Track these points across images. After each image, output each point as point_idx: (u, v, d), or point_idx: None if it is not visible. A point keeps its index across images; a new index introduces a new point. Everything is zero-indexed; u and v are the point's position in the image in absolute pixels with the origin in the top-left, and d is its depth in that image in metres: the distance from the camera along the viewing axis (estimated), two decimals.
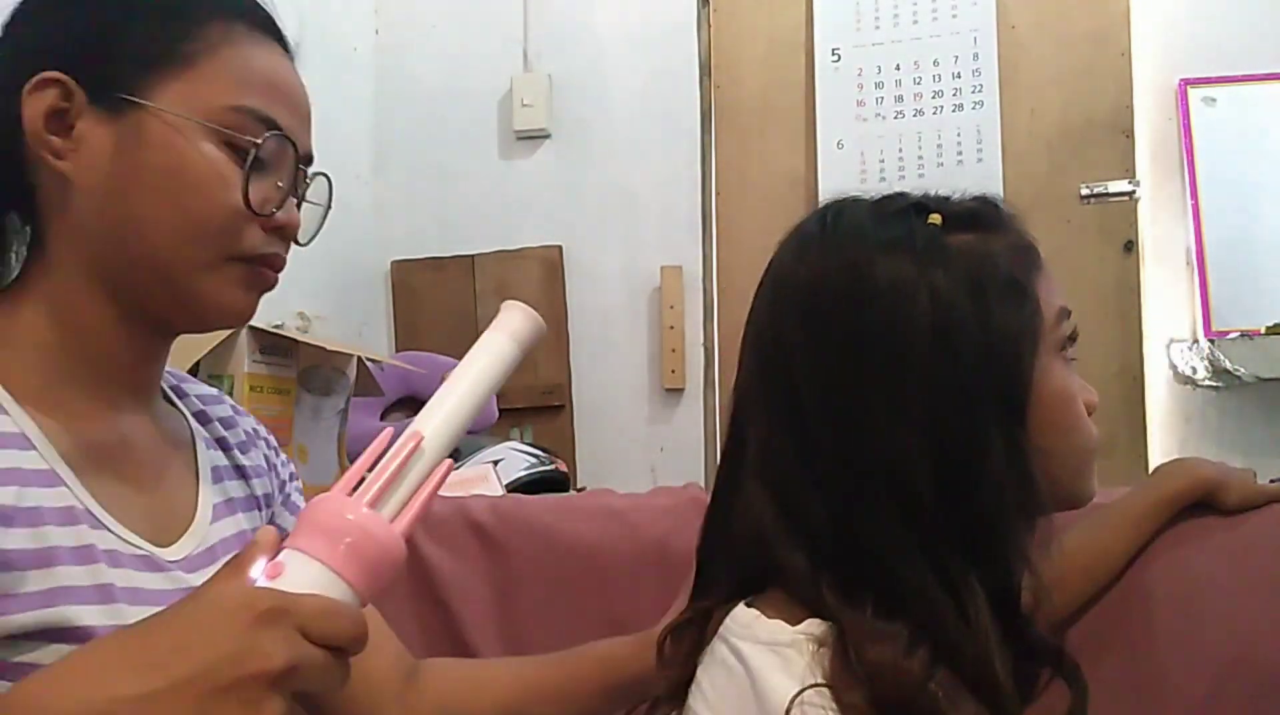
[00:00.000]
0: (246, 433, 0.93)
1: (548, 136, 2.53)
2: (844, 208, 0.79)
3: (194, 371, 1.33)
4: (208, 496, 0.84)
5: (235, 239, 0.77)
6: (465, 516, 1.22)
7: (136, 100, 0.74)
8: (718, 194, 2.40)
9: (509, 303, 0.72)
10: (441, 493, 0.66)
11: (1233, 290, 2.17)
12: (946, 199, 0.78)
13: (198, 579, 0.76)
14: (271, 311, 1.74)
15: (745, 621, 0.73)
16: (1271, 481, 1.11)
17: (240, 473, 0.90)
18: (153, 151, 0.74)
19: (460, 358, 0.72)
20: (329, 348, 1.48)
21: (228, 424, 0.92)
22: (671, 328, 2.41)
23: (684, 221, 2.40)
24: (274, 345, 1.38)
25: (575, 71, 2.52)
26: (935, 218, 0.75)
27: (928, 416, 0.70)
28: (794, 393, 0.74)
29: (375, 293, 2.56)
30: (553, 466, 1.74)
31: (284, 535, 0.61)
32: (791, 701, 0.65)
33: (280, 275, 0.83)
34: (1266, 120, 2.20)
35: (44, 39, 0.76)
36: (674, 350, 2.40)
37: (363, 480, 0.62)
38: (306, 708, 0.77)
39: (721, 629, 0.75)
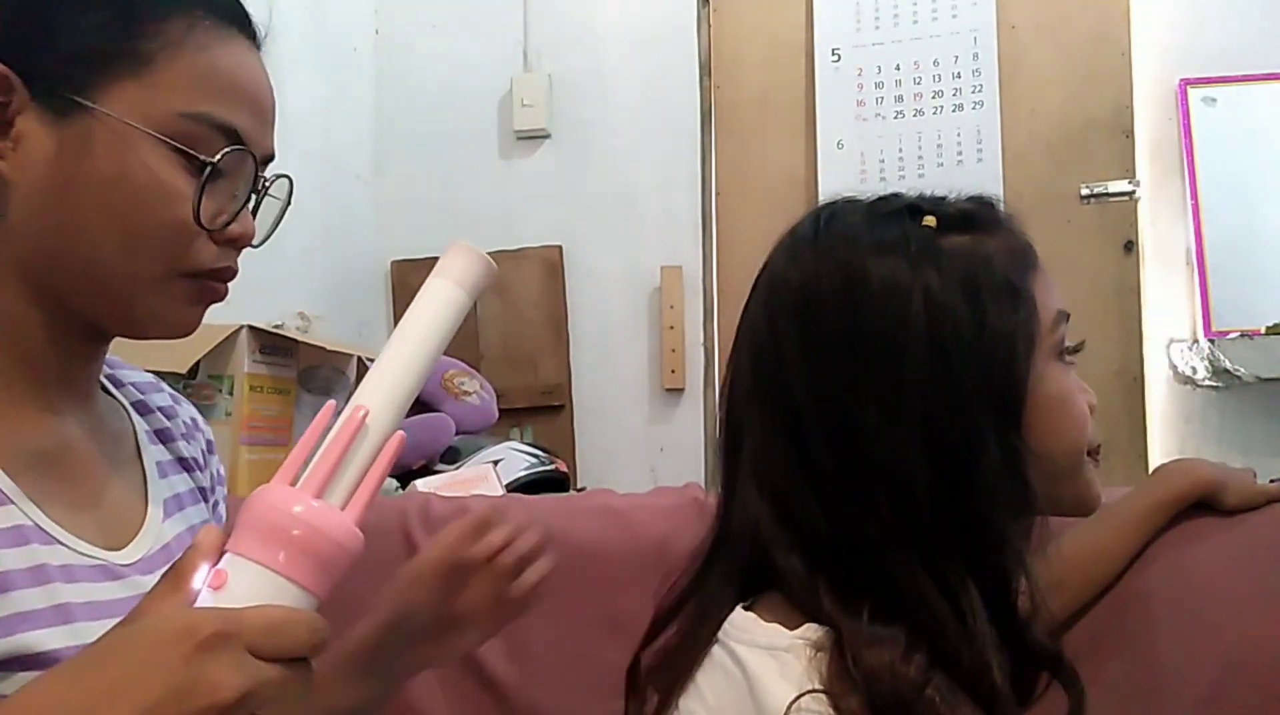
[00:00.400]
0: (186, 423, 0.88)
1: (548, 136, 2.53)
2: (838, 209, 0.78)
3: (194, 371, 1.33)
4: (157, 493, 0.80)
5: (183, 254, 0.72)
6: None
7: (84, 103, 0.68)
8: (718, 194, 2.40)
9: (454, 242, 0.64)
10: (442, 493, 0.65)
11: (1233, 290, 2.17)
12: (942, 200, 0.78)
13: (154, 581, 0.68)
14: (271, 311, 1.74)
15: (743, 625, 0.73)
16: (1271, 481, 1.11)
17: (183, 465, 0.85)
18: (98, 160, 0.69)
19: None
20: (329, 348, 1.48)
21: (168, 413, 0.87)
22: (671, 328, 2.41)
23: (684, 221, 2.40)
24: (274, 345, 1.38)
25: (575, 71, 2.52)
26: (930, 219, 0.74)
27: (922, 419, 0.70)
28: (789, 396, 0.74)
29: (375, 293, 2.56)
30: (553, 466, 1.74)
31: (227, 535, 0.55)
32: (789, 707, 0.65)
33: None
34: (1266, 120, 2.20)
35: None
36: (674, 350, 2.40)
37: (306, 466, 0.56)
38: None
39: (720, 632, 0.75)
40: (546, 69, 2.53)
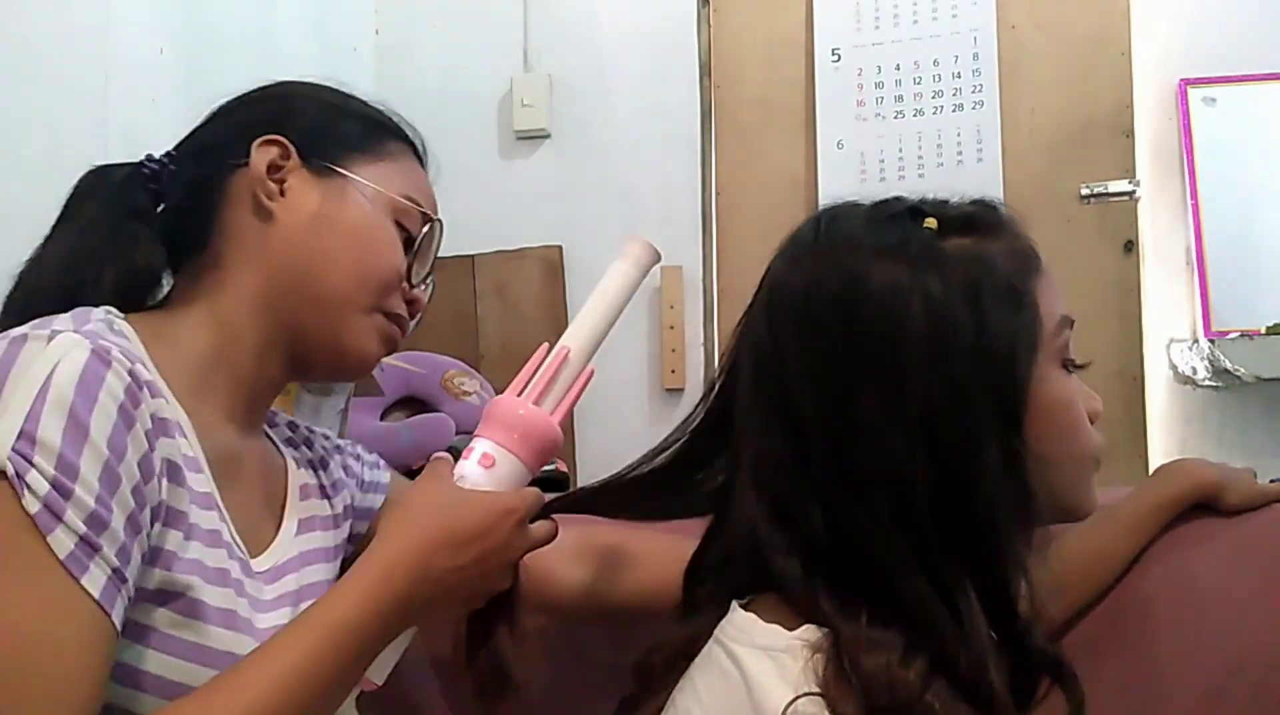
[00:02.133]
0: (324, 448, 1.05)
1: (548, 136, 2.53)
2: (839, 213, 0.78)
3: None
4: (293, 513, 0.95)
5: (387, 296, 0.93)
6: None
7: (341, 171, 0.93)
8: (718, 194, 2.40)
9: (630, 236, 0.93)
10: None
11: (1233, 290, 2.17)
12: (944, 203, 0.77)
13: (272, 592, 0.88)
14: None
15: (741, 625, 0.73)
16: (1272, 481, 1.11)
17: (323, 492, 1.01)
18: (350, 209, 0.92)
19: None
20: None
21: (309, 443, 1.04)
22: (671, 328, 2.41)
23: (684, 221, 2.40)
24: None
25: (575, 71, 2.51)
26: (931, 222, 0.74)
27: (923, 423, 0.70)
28: (790, 401, 0.74)
29: None
30: (553, 466, 1.74)
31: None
32: (785, 710, 0.65)
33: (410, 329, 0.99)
34: (1266, 120, 2.20)
35: (260, 120, 0.93)
36: (674, 350, 2.40)
37: (527, 384, 0.85)
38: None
39: (718, 631, 0.75)
40: (546, 69, 2.53)
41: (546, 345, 0.89)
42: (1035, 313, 0.73)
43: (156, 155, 0.96)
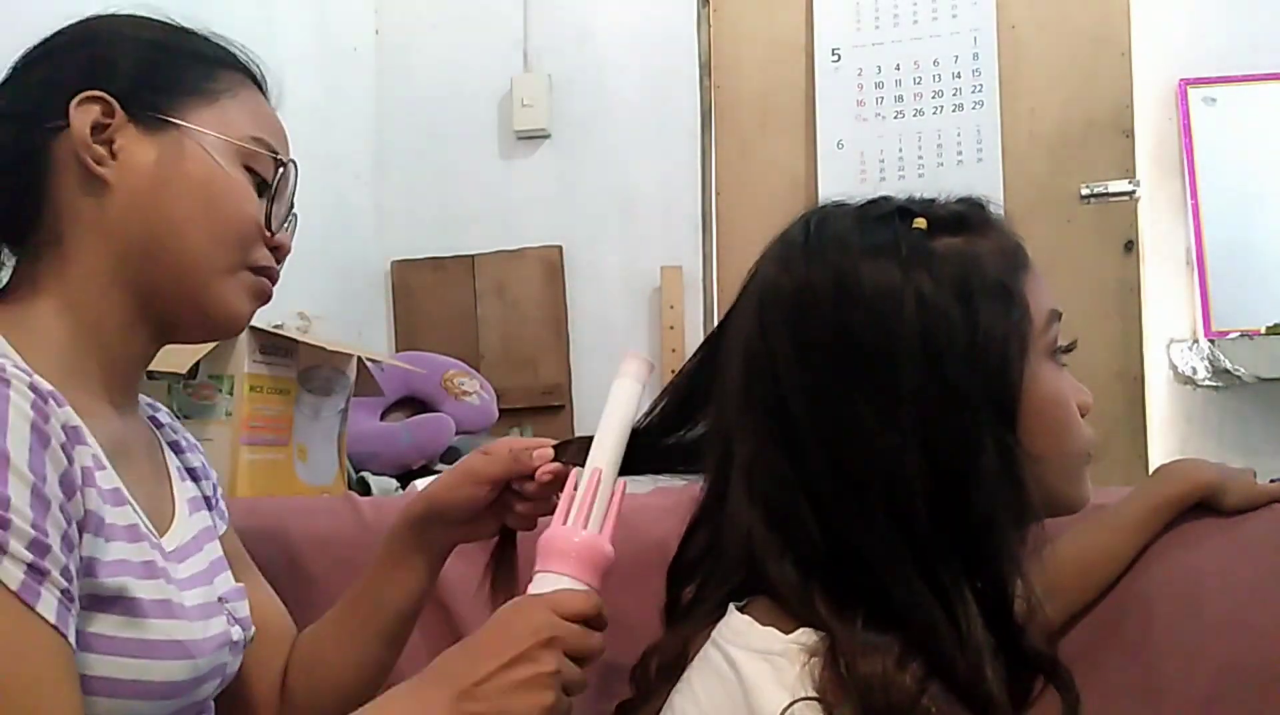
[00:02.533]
0: (187, 438, 1.00)
1: (548, 136, 2.53)
2: (828, 214, 0.78)
3: (194, 371, 1.33)
4: (181, 493, 0.92)
5: (250, 250, 0.86)
6: None
7: (176, 121, 0.84)
8: (718, 194, 2.40)
9: (629, 354, 0.93)
10: None
11: (1233, 290, 2.17)
12: (932, 202, 0.77)
13: (185, 569, 0.85)
14: (271, 311, 1.74)
15: (738, 628, 0.73)
16: (1272, 481, 1.11)
17: (191, 475, 0.97)
18: (191, 163, 0.84)
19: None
20: (329, 348, 1.48)
21: (173, 428, 0.99)
22: (671, 328, 2.41)
23: (684, 221, 2.40)
24: (274, 345, 1.38)
25: (575, 71, 2.52)
26: (920, 222, 0.74)
27: (917, 424, 0.70)
28: (782, 404, 0.73)
29: (375, 293, 2.56)
30: None
31: None
32: (782, 714, 0.65)
33: (280, 275, 0.91)
34: (1266, 120, 2.20)
35: (74, 73, 0.83)
36: (674, 350, 2.40)
37: (569, 511, 0.84)
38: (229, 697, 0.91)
39: (714, 633, 0.75)
40: (546, 69, 2.53)
41: (576, 470, 0.87)
42: (1026, 310, 0.73)
43: None
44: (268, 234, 0.88)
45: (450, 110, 2.56)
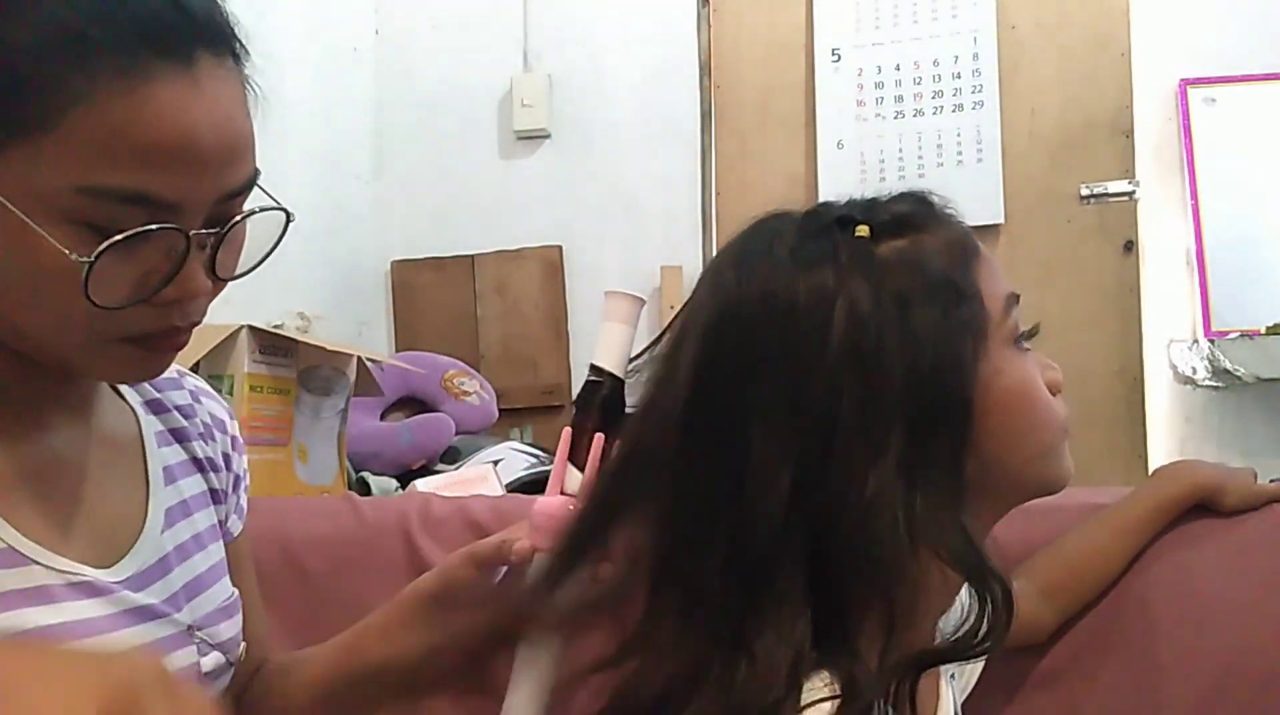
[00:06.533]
0: (206, 422, 0.86)
1: (548, 136, 2.53)
2: (766, 228, 0.75)
3: (194, 371, 1.33)
4: (159, 502, 0.78)
5: (113, 325, 0.64)
6: (465, 517, 1.22)
7: None
8: (718, 194, 2.40)
9: (610, 293, 0.87)
10: (442, 493, 0.67)
11: (1233, 290, 2.17)
12: (873, 204, 0.74)
13: (145, 597, 0.72)
14: (271, 311, 1.74)
15: None
16: (1272, 481, 1.11)
17: (198, 466, 0.83)
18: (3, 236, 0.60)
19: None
20: (329, 348, 1.48)
21: (186, 412, 0.84)
22: None
23: (684, 221, 2.40)
24: (274, 345, 1.38)
25: (575, 71, 2.52)
26: (863, 229, 0.71)
27: (804, 447, 0.67)
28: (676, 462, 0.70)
29: (375, 293, 2.56)
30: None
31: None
32: None
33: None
34: (1266, 120, 2.20)
35: None
36: None
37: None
38: None
39: None
40: (546, 69, 2.53)
41: (569, 429, 0.86)
42: (979, 303, 0.70)
43: None
44: (131, 306, 0.63)
45: (450, 110, 2.56)
